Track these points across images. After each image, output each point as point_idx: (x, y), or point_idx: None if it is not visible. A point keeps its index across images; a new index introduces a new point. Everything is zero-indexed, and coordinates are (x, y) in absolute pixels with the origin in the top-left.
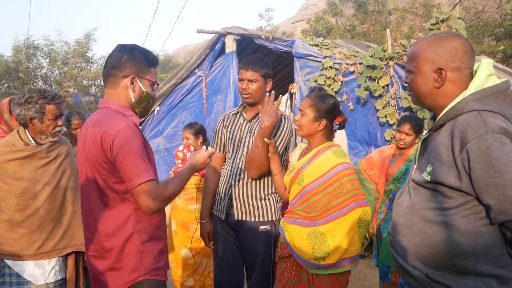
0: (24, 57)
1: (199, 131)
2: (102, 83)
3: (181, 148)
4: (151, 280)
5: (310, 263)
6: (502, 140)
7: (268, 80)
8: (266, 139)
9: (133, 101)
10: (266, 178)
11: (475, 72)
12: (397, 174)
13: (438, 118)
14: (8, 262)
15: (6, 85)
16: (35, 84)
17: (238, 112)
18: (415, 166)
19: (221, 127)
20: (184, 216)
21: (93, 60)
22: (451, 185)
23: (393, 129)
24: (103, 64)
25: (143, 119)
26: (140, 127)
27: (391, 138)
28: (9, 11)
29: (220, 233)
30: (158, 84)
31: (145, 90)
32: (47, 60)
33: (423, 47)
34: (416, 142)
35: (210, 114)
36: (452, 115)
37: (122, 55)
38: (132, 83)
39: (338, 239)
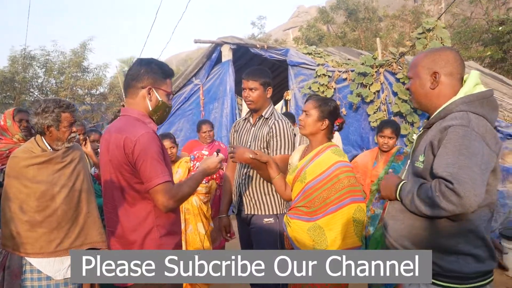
0: (20, 67)
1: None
2: (97, 92)
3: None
4: None
5: None
6: (477, 138)
7: (268, 88)
8: (251, 155)
9: (150, 109)
10: None
11: (465, 81)
12: (381, 175)
13: (432, 117)
14: (29, 259)
15: (2, 95)
16: (31, 94)
17: (246, 118)
18: (408, 161)
19: (233, 132)
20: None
21: (89, 70)
22: None
23: None
24: (96, 74)
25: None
26: None
27: None
28: (6, 22)
29: (238, 226)
30: (174, 94)
31: (161, 99)
32: (43, 70)
33: (421, 57)
34: (397, 144)
35: None
36: (443, 114)
37: (140, 68)
38: (149, 94)
39: (335, 232)
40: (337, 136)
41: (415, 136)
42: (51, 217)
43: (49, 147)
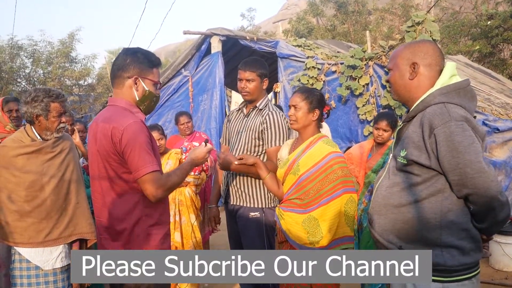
0: (7, 57)
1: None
2: (85, 82)
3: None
4: None
5: (305, 247)
6: (464, 126)
7: (265, 79)
8: (236, 162)
9: (137, 99)
10: None
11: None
12: (375, 167)
13: (410, 110)
14: (18, 249)
15: None
16: (18, 84)
17: (239, 108)
18: (391, 155)
19: (226, 122)
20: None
21: (77, 60)
22: (422, 163)
23: (371, 126)
24: (85, 64)
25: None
26: None
27: (369, 133)
28: None
29: (227, 217)
30: (161, 83)
31: (147, 89)
32: (31, 60)
33: (400, 49)
34: (392, 136)
35: (197, 113)
36: (422, 107)
37: (126, 58)
38: (136, 83)
39: (329, 223)
40: (326, 127)
41: None
42: (40, 207)
43: (38, 137)
